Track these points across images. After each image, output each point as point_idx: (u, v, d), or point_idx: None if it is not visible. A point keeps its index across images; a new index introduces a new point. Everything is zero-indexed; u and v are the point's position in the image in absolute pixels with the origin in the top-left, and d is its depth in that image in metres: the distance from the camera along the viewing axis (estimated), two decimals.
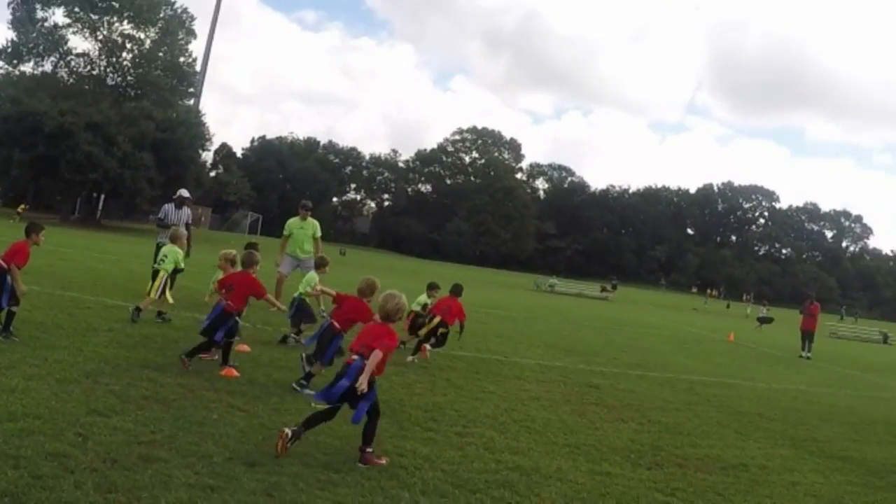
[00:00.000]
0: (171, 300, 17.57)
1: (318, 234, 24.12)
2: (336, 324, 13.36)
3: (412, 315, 18.60)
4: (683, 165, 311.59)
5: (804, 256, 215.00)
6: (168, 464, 8.15)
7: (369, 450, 9.53)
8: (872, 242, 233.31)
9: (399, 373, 14.74)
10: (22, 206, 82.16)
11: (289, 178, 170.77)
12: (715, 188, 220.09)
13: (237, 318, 13.69)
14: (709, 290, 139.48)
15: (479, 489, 8.86)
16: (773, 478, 11.63)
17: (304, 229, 23.65)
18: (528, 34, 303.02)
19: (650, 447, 12.43)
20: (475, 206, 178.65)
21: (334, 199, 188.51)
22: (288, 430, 9.14)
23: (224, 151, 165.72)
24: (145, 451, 8.41)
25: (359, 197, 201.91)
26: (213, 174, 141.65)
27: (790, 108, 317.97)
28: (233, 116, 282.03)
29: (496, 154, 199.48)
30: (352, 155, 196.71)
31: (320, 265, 18.58)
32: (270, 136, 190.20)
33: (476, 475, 9.40)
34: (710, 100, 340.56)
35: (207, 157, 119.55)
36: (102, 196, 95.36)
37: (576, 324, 37.67)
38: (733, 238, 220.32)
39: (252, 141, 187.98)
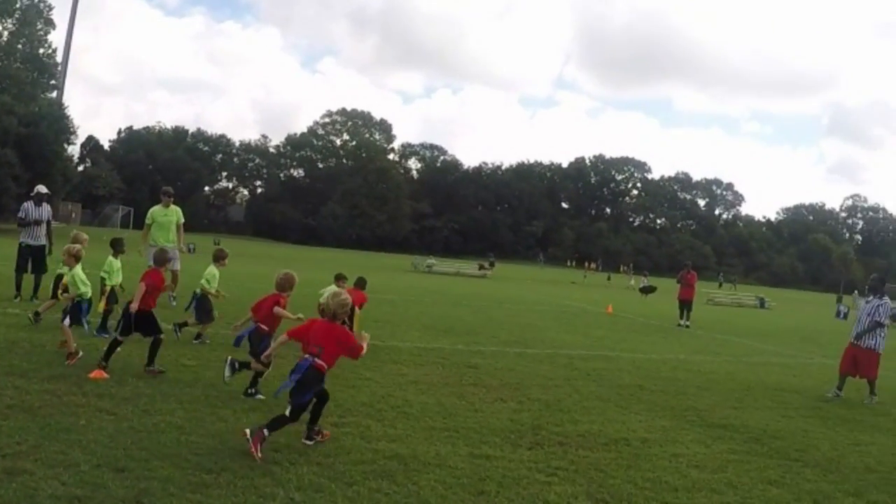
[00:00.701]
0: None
1: (182, 220, 23.79)
2: (263, 326, 13.24)
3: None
4: (555, 140, 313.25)
5: (679, 226, 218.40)
6: (33, 476, 7.84)
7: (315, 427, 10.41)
8: (745, 209, 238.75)
9: (275, 365, 14.44)
10: None
11: (159, 169, 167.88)
12: (587, 161, 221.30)
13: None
14: (587, 264, 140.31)
15: (355, 481, 8.70)
16: (655, 450, 11.62)
17: (168, 216, 23.32)
18: (395, 13, 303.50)
19: (530, 426, 12.37)
20: (349, 190, 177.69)
21: (206, 189, 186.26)
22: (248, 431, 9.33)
23: (91, 144, 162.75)
24: (9, 464, 8.09)
25: (231, 185, 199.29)
26: (80, 168, 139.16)
27: (658, 80, 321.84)
28: (99, 108, 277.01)
29: (367, 135, 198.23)
30: (221, 142, 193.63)
31: (219, 258, 18.52)
32: (138, 126, 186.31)
33: (352, 466, 9.24)
34: (579, 73, 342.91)
35: (74, 150, 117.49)
36: None
37: (454, 303, 37.62)
38: (608, 210, 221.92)
39: (119, 132, 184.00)
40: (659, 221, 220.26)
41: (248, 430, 9.43)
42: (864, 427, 14.99)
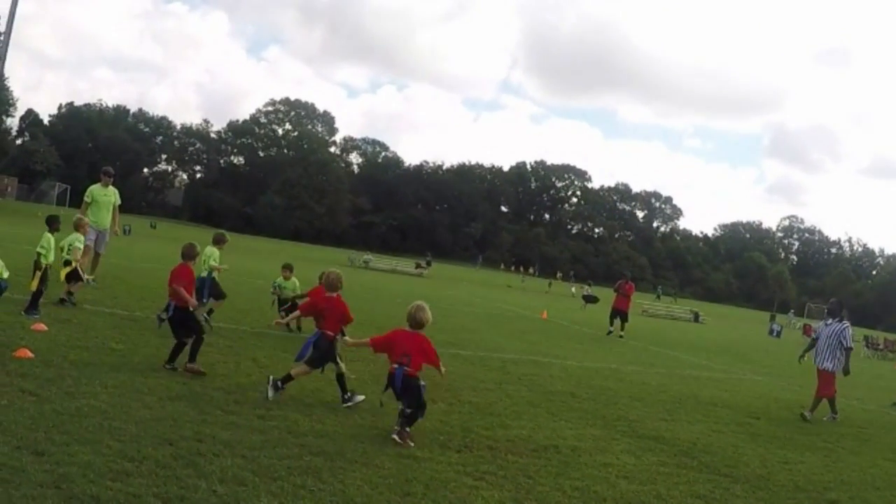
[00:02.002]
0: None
1: (119, 202, 23.62)
2: (329, 333, 13.13)
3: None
4: (497, 143, 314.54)
5: (616, 236, 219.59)
6: None
7: (408, 429, 10.90)
8: (683, 223, 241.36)
9: (203, 353, 14.20)
10: None
11: (98, 148, 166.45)
12: (528, 166, 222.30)
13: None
14: (524, 269, 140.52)
15: (280, 476, 8.51)
16: (585, 459, 11.53)
17: (107, 196, 23.17)
18: (344, 5, 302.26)
19: (460, 429, 12.28)
20: (288, 180, 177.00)
21: (145, 170, 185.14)
22: None
23: (30, 118, 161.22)
24: None
25: (170, 168, 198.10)
26: (18, 142, 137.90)
27: (603, 90, 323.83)
28: (40, 81, 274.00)
29: (310, 127, 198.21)
30: (162, 124, 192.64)
31: (220, 241, 18.78)
32: (79, 103, 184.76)
33: (278, 461, 9.05)
34: (525, 78, 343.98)
35: (13, 123, 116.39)
36: None
37: (389, 301, 37.45)
38: (547, 216, 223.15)
39: (60, 108, 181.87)
40: (597, 230, 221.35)
41: (394, 436, 10.56)
42: (795, 445, 14.97)
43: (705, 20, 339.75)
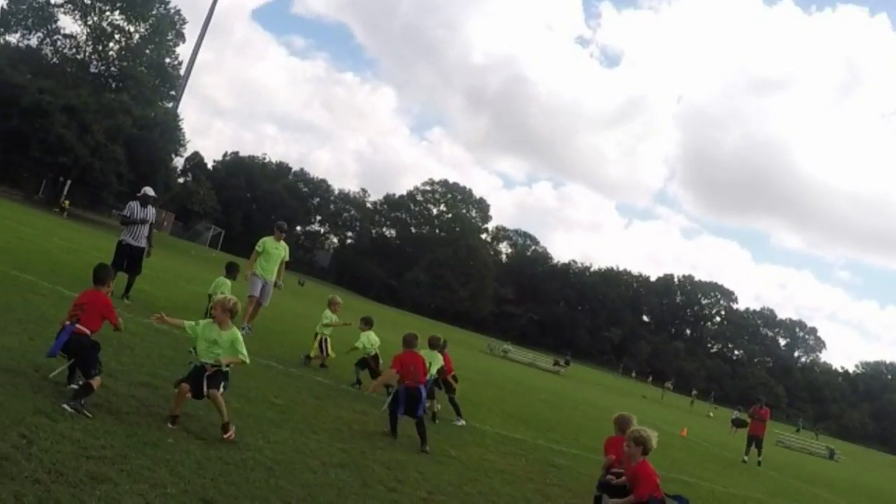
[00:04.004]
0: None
1: (288, 258, 23.71)
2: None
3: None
4: (646, 252, 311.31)
5: (755, 360, 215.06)
6: (118, 487, 7.38)
7: None
8: (824, 356, 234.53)
9: (359, 422, 13.92)
10: (66, 201, 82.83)
11: (256, 199, 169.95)
12: (675, 279, 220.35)
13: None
14: (663, 383, 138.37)
15: None
16: None
17: (278, 250, 23.26)
18: (511, 98, 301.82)
19: None
20: (437, 259, 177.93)
21: (298, 228, 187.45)
22: None
23: (195, 160, 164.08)
24: (94, 468, 7.65)
25: (322, 230, 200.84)
26: (181, 180, 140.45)
27: (757, 212, 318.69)
28: (208, 127, 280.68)
29: (464, 211, 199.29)
30: (321, 187, 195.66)
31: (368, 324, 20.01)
32: (243, 153, 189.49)
33: None
34: (681, 191, 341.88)
35: (178, 162, 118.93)
36: (69, 182, 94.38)
37: (531, 395, 37.04)
38: (688, 331, 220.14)
39: (224, 155, 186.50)
40: (737, 352, 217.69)
41: None
42: None
43: (866, 149, 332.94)
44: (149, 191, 23.13)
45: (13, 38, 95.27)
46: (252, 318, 22.90)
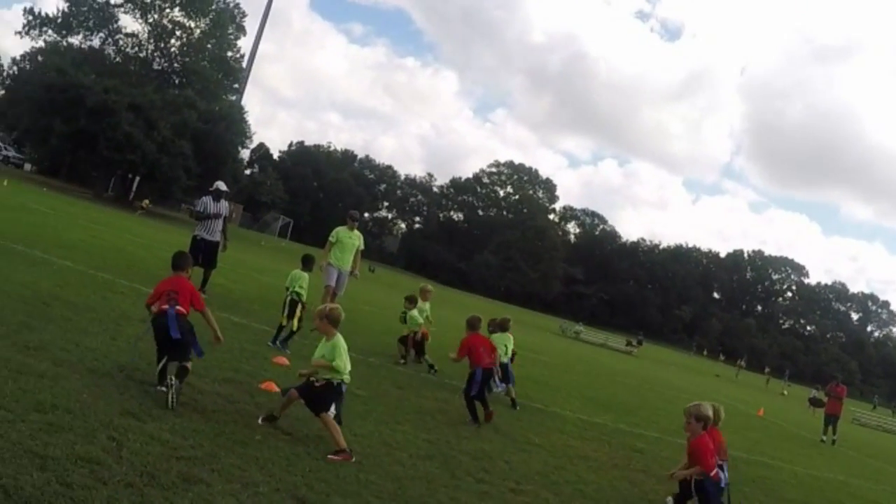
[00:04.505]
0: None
1: (362, 246, 23.63)
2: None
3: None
4: (714, 228, 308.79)
5: (828, 336, 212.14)
6: (210, 488, 7.36)
7: None
8: None
9: (443, 411, 13.91)
10: (146, 200, 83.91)
11: (323, 188, 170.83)
12: (745, 255, 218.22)
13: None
14: (737, 361, 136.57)
15: None
16: None
17: (352, 239, 23.13)
18: (573, 76, 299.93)
19: None
20: (505, 241, 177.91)
21: (366, 215, 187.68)
22: None
23: (261, 151, 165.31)
24: (185, 469, 7.63)
25: (390, 216, 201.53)
26: (248, 172, 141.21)
27: (826, 184, 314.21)
28: (272, 118, 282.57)
29: (531, 192, 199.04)
30: (387, 173, 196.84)
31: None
32: (308, 143, 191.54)
33: None
34: (748, 165, 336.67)
35: (245, 154, 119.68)
36: (137, 178, 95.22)
37: (607, 377, 36.89)
38: (759, 308, 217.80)
39: (290, 145, 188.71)
40: (809, 328, 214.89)
41: None
42: None
43: None
44: (221, 185, 23.17)
45: (76, 40, 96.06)
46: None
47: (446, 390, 17.04)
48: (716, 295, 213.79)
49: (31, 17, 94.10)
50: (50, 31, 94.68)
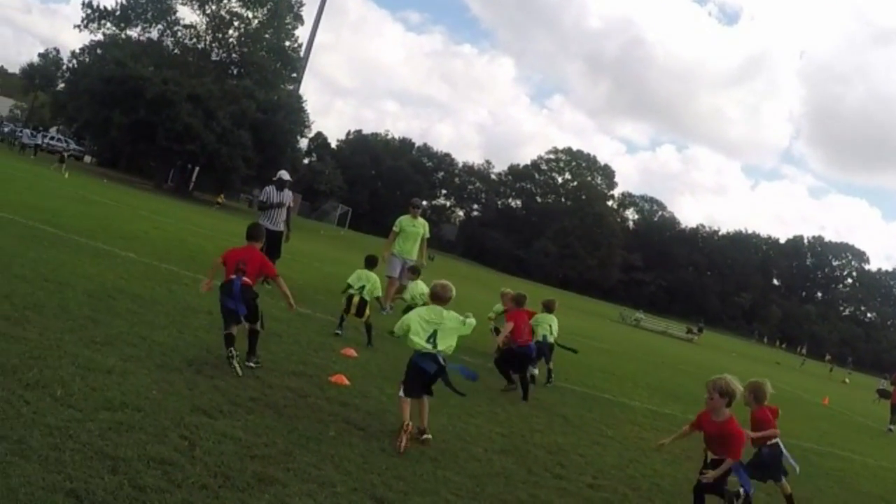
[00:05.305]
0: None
1: (427, 234, 23.51)
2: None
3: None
4: (773, 213, 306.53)
5: (889, 322, 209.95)
6: (286, 488, 7.14)
7: None
8: None
9: (513, 402, 13.70)
10: (221, 195, 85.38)
11: (381, 176, 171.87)
12: (805, 241, 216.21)
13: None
14: (799, 349, 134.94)
15: None
16: None
17: (416, 228, 23.04)
18: (630, 62, 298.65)
19: None
20: (563, 228, 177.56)
21: (424, 203, 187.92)
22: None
23: (319, 140, 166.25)
24: (259, 469, 7.41)
25: (448, 204, 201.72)
26: (306, 161, 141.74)
27: (887, 169, 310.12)
28: (329, 107, 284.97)
29: (589, 178, 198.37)
30: (445, 161, 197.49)
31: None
32: (366, 131, 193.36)
33: None
34: (807, 150, 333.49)
35: (303, 143, 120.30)
36: (197, 168, 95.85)
37: (671, 366, 36.53)
38: (819, 294, 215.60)
39: (348, 134, 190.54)
40: (869, 315, 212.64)
41: None
42: None
43: None
44: (284, 175, 23.01)
45: (134, 33, 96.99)
46: (393, 299, 22.78)
47: (515, 381, 16.77)
48: (775, 281, 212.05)
49: (89, 11, 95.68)
50: (108, 24, 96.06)
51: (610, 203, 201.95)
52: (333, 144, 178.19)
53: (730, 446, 9.77)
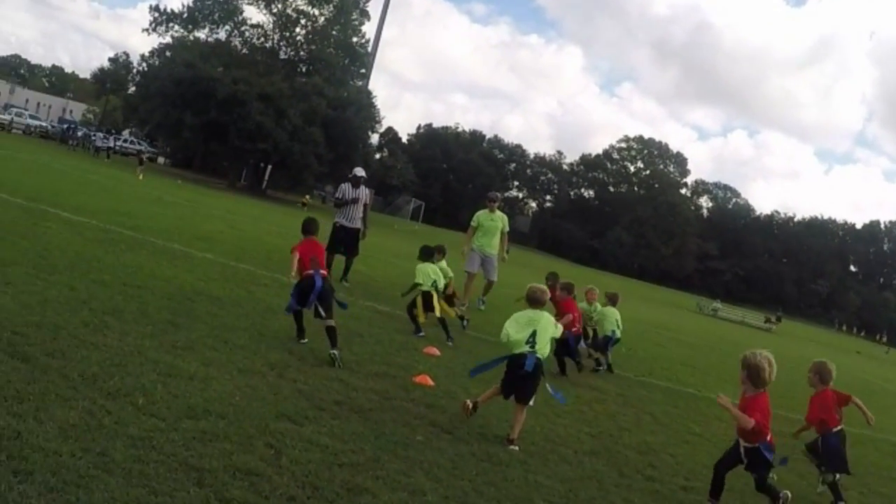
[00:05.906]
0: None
1: (507, 228, 23.38)
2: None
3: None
4: (849, 198, 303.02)
5: None
6: (376, 498, 6.97)
7: None
8: None
9: (599, 400, 13.45)
10: (307, 196, 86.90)
11: (452, 169, 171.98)
12: (882, 226, 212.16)
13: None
14: (879, 337, 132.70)
15: None
16: None
17: (494, 222, 22.93)
18: (699, 47, 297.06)
19: None
20: (637, 218, 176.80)
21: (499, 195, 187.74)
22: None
23: (390, 135, 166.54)
24: (348, 477, 7.23)
25: (521, 195, 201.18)
26: (377, 156, 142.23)
27: None
28: (398, 102, 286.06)
29: (661, 166, 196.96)
30: (516, 152, 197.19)
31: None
32: (436, 125, 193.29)
33: None
34: (882, 132, 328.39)
35: (374, 139, 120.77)
36: (269, 166, 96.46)
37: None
38: None
39: (418, 128, 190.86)
40: None
41: None
42: None
43: None
44: (359, 171, 22.93)
45: (202, 34, 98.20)
46: (485, 293, 22.88)
47: (600, 378, 16.57)
48: (852, 268, 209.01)
49: (156, 14, 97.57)
50: (176, 27, 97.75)
51: (683, 191, 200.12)
52: (404, 139, 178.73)
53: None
